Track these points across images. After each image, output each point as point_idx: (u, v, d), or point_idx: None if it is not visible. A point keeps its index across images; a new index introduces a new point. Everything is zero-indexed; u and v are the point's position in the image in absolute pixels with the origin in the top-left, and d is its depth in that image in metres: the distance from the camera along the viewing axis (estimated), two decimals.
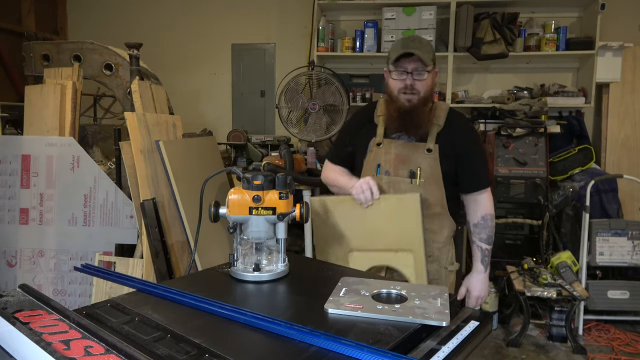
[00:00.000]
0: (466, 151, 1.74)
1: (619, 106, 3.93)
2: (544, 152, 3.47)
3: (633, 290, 3.16)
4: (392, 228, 1.63)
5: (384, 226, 1.64)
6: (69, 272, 2.66)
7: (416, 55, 1.64)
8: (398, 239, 1.63)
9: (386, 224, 1.64)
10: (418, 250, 1.62)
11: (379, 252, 1.65)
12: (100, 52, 2.97)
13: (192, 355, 0.82)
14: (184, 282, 1.24)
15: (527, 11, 3.95)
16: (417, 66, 1.67)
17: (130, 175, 2.47)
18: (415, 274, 1.63)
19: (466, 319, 1.05)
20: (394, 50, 1.71)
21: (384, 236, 1.64)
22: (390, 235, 1.64)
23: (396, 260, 1.64)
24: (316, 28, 4.01)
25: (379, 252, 1.65)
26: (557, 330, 3.05)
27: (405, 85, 1.68)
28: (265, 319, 0.94)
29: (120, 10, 4.68)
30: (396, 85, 1.70)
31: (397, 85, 1.70)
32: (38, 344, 0.76)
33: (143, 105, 2.62)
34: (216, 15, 4.55)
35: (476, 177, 1.77)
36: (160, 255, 2.42)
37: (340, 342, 0.84)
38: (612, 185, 3.49)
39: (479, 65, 4.00)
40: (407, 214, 1.61)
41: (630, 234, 3.17)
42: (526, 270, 3.17)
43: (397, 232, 1.63)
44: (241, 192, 1.23)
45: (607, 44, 3.67)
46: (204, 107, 4.66)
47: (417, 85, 1.68)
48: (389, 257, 1.65)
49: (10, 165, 2.68)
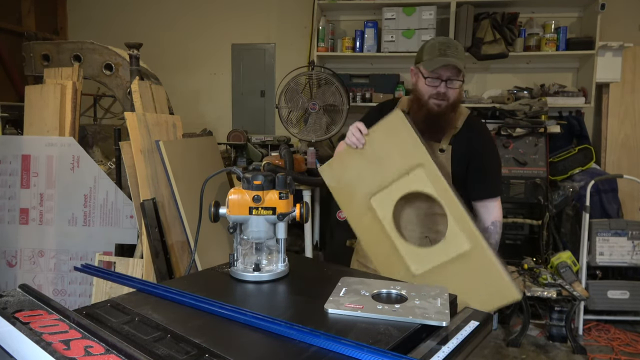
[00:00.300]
0: (479, 157, 1.74)
1: (619, 106, 3.93)
2: (544, 152, 3.47)
3: (633, 290, 3.16)
4: (393, 153, 1.61)
5: (386, 155, 1.62)
6: (69, 272, 2.66)
7: (454, 65, 1.63)
8: (403, 160, 1.61)
9: (386, 152, 1.62)
10: (426, 161, 1.58)
11: (395, 182, 1.62)
12: (100, 52, 2.98)
13: (192, 355, 0.82)
14: (184, 282, 1.24)
15: (527, 11, 3.95)
16: (452, 74, 1.65)
17: (130, 175, 2.47)
18: (434, 188, 1.57)
19: (466, 319, 1.05)
20: (430, 53, 1.67)
21: (391, 165, 1.62)
22: (396, 160, 1.61)
23: (413, 183, 1.60)
24: (316, 28, 4.01)
25: (394, 183, 1.62)
26: (557, 330, 3.05)
27: (438, 92, 1.67)
28: (265, 319, 0.94)
29: (120, 10, 4.68)
30: (428, 91, 1.69)
31: (429, 91, 1.68)
32: (38, 344, 0.76)
33: (143, 105, 2.62)
34: (216, 15, 4.55)
35: (486, 185, 1.77)
36: (160, 255, 2.43)
37: (340, 342, 0.84)
38: (612, 185, 3.50)
39: (479, 65, 4.00)
40: (399, 132, 1.60)
41: (630, 234, 3.17)
42: (526, 270, 3.17)
43: (399, 154, 1.61)
44: (241, 192, 1.23)
45: (607, 44, 3.67)
46: (204, 107, 4.66)
47: (449, 93, 1.68)
48: (405, 182, 1.61)
49: (10, 165, 2.68)
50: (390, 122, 1.62)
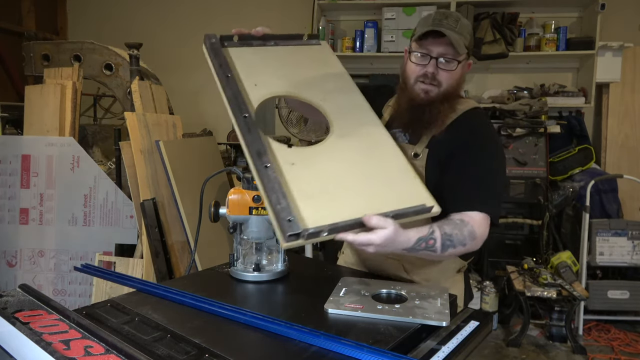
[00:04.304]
0: (461, 153, 1.31)
1: (619, 106, 3.93)
2: (544, 152, 3.47)
3: (633, 290, 3.16)
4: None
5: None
6: (69, 272, 2.66)
7: (447, 37, 1.26)
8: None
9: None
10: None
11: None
12: (100, 52, 2.97)
13: (192, 355, 0.82)
14: (184, 282, 1.24)
15: (527, 11, 3.95)
16: (446, 51, 1.29)
17: (130, 175, 2.47)
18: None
19: (466, 319, 1.05)
20: (423, 25, 1.32)
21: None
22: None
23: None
24: (316, 28, 4.01)
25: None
26: (557, 330, 3.05)
27: (425, 73, 1.31)
28: (265, 319, 0.94)
29: (120, 10, 4.68)
30: (414, 71, 1.33)
31: (416, 71, 1.33)
32: (38, 344, 0.76)
33: (143, 105, 2.62)
34: (216, 15, 4.55)
35: (467, 191, 1.26)
36: (160, 255, 2.43)
37: (340, 342, 0.84)
38: (612, 185, 3.49)
39: (479, 65, 4.00)
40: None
41: (630, 234, 3.17)
42: (526, 270, 3.17)
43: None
44: (241, 192, 1.23)
45: (607, 44, 3.67)
46: (204, 107, 4.66)
47: (440, 76, 1.31)
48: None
49: (10, 165, 2.68)
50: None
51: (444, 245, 1.14)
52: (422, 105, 1.32)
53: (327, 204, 1.01)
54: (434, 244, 1.13)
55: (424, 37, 1.29)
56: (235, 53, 1.33)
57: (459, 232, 1.17)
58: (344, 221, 0.98)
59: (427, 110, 1.32)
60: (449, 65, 1.30)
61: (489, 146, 1.34)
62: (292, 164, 1.08)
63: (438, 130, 1.34)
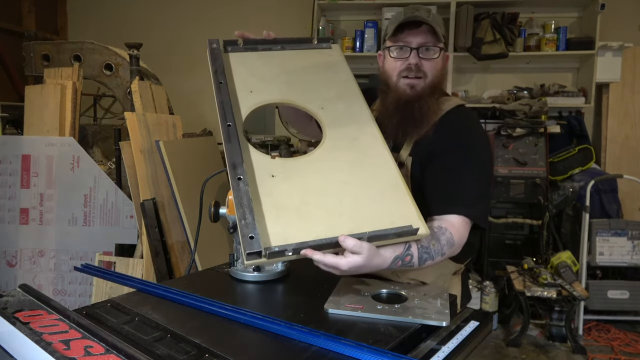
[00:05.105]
0: (441, 154, 1.25)
1: (619, 106, 3.93)
2: (544, 152, 3.47)
3: (633, 290, 3.16)
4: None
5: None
6: (69, 272, 2.66)
7: (426, 26, 1.23)
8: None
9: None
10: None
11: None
12: (100, 52, 2.97)
13: (192, 355, 0.82)
14: (184, 282, 1.24)
15: (527, 11, 3.95)
16: (427, 40, 1.25)
17: (130, 175, 2.47)
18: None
19: (466, 319, 1.05)
20: (394, 20, 1.28)
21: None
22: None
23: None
24: (316, 28, 4.01)
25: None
26: (557, 330, 3.05)
27: (409, 66, 1.26)
28: (265, 319, 0.94)
29: (120, 10, 4.68)
30: (396, 67, 1.28)
31: (398, 67, 1.27)
32: (38, 344, 0.76)
33: (143, 105, 2.62)
34: (216, 15, 4.55)
35: (446, 197, 1.21)
36: (160, 255, 2.43)
37: (340, 342, 0.84)
38: (612, 185, 3.50)
39: (479, 65, 4.00)
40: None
41: (630, 234, 3.17)
42: (526, 270, 3.17)
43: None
44: None
45: (607, 44, 3.67)
46: (204, 107, 4.66)
47: (424, 67, 1.26)
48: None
49: (11, 165, 2.68)
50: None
51: (421, 259, 1.11)
52: (410, 102, 1.27)
53: (301, 220, 0.96)
54: (411, 259, 1.10)
55: (399, 30, 1.25)
56: (238, 58, 1.32)
57: (436, 242, 1.14)
58: (315, 240, 0.93)
59: (416, 107, 1.26)
60: (430, 53, 1.26)
61: (470, 146, 1.27)
62: (272, 176, 1.05)
63: (423, 131, 1.29)
